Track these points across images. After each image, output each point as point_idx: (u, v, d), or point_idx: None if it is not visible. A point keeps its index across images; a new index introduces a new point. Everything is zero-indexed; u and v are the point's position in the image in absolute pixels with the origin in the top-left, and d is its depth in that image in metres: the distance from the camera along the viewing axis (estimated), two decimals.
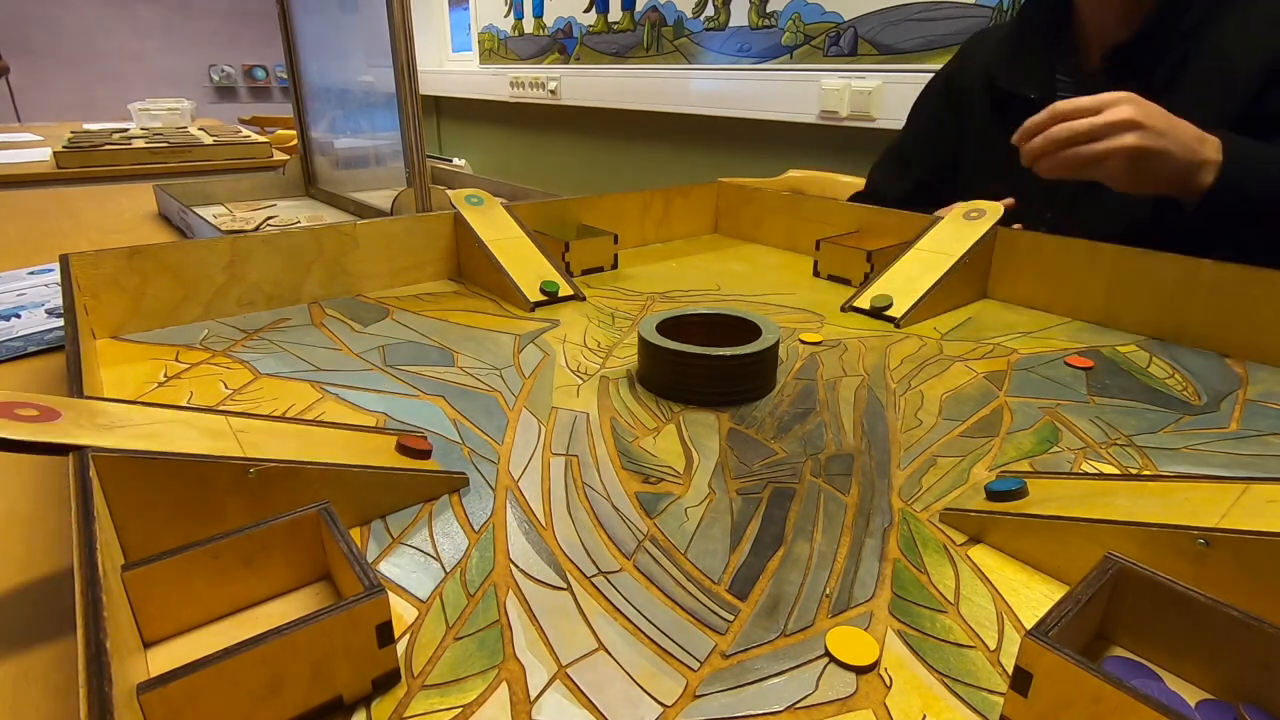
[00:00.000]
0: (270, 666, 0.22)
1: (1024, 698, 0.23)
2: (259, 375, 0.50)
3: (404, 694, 0.25)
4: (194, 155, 1.61)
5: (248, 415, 0.36)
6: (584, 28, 2.40)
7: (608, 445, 0.42)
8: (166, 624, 0.27)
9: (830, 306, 0.67)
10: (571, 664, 0.26)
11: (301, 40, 1.27)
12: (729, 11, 1.89)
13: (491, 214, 0.73)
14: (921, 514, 0.36)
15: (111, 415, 0.32)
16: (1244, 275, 0.55)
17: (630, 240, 0.88)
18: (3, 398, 0.29)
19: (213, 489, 0.30)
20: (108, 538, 0.26)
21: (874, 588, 0.30)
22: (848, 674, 0.26)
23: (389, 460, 0.36)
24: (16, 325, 0.63)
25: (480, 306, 0.66)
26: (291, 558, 0.28)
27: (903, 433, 0.44)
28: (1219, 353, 0.57)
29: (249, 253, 0.62)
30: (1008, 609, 0.30)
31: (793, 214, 0.88)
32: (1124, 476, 0.37)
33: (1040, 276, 0.67)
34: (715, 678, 0.26)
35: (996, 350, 0.57)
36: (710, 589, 0.30)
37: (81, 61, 4.41)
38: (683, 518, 0.35)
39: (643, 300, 0.69)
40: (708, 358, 0.46)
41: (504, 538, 0.33)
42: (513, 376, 0.51)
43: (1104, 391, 0.50)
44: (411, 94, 0.93)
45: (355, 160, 1.27)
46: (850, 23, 1.61)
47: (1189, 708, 0.25)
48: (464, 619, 0.28)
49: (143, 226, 1.09)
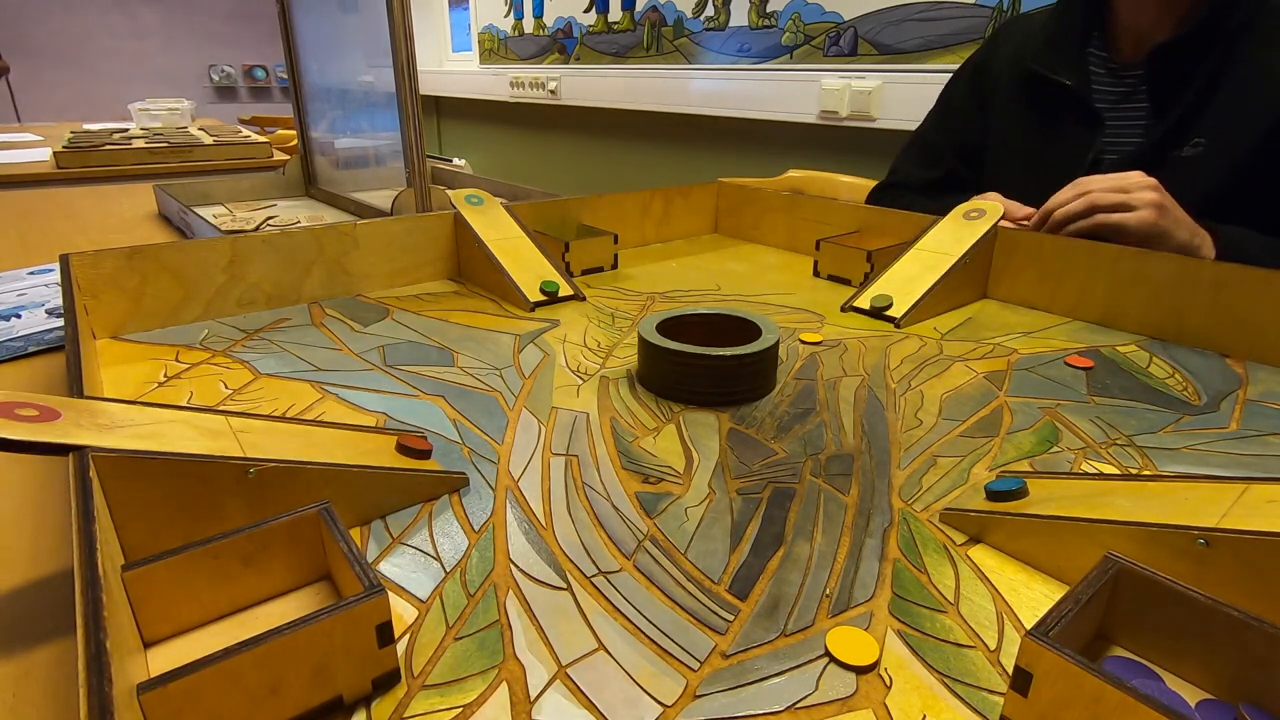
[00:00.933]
0: (270, 666, 0.22)
1: (1024, 698, 0.23)
2: (259, 375, 0.50)
3: (404, 694, 0.25)
4: (194, 155, 1.61)
5: (248, 415, 0.36)
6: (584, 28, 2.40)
7: (608, 445, 0.42)
8: (166, 624, 0.27)
9: (830, 306, 0.67)
10: (571, 664, 0.26)
11: (301, 40, 1.27)
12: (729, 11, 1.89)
13: (491, 214, 0.73)
14: (921, 514, 0.36)
15: (111, 415, 0.32)
16: (1244, 275, 0.55)
17: (630, 240, 0.88)
18: (3, 398, 0.29)
19: (213, 489, 0.30)
20: (108, 538, 0.26)
21: (874, 588, 0.30)
22: (848, 674, 0.26)
23: (389, 460, 0.36)
24: (16, 325, 0.63)
25: (480, 306, 0.66)
26: (291, 558, 0.28)
27: (903, 433, 0.44)
28: (1219, 353, 0.57)
29: (249, 253, 0.62)
30: (1008, 609, 0.30)
31: (793, 214, 0.88)
32: (1124, 476, 0.37)
33: (1040, 276, 0.67)
34: (715, 678, 0.26)
35: (996, 350, 0.57)
36: (710, 589, 0.30)
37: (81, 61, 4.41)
38: (683, 518, 0.35)
39: (643, 300, 0.69)
40: (708, 358, 0.46)
41: (504, 538, 0.33)
42: (513, 376, 0.51)
43: (1104, 391, 0.50)
44: (411, 94, 0.93)
45: (355, 160, 1.27)
46: (850, 23, 1.61)
47: (1189, 708, 0.25)
48: (464, 619, 0.28)
49: (143, 226, 1.09)
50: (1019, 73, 0.86)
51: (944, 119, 0.99)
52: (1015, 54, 0.87)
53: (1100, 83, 0.80)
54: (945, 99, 0.99)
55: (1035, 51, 0.84)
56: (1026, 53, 0.85)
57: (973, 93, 0.94)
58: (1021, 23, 0.94)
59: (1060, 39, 0.83)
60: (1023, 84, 0.86)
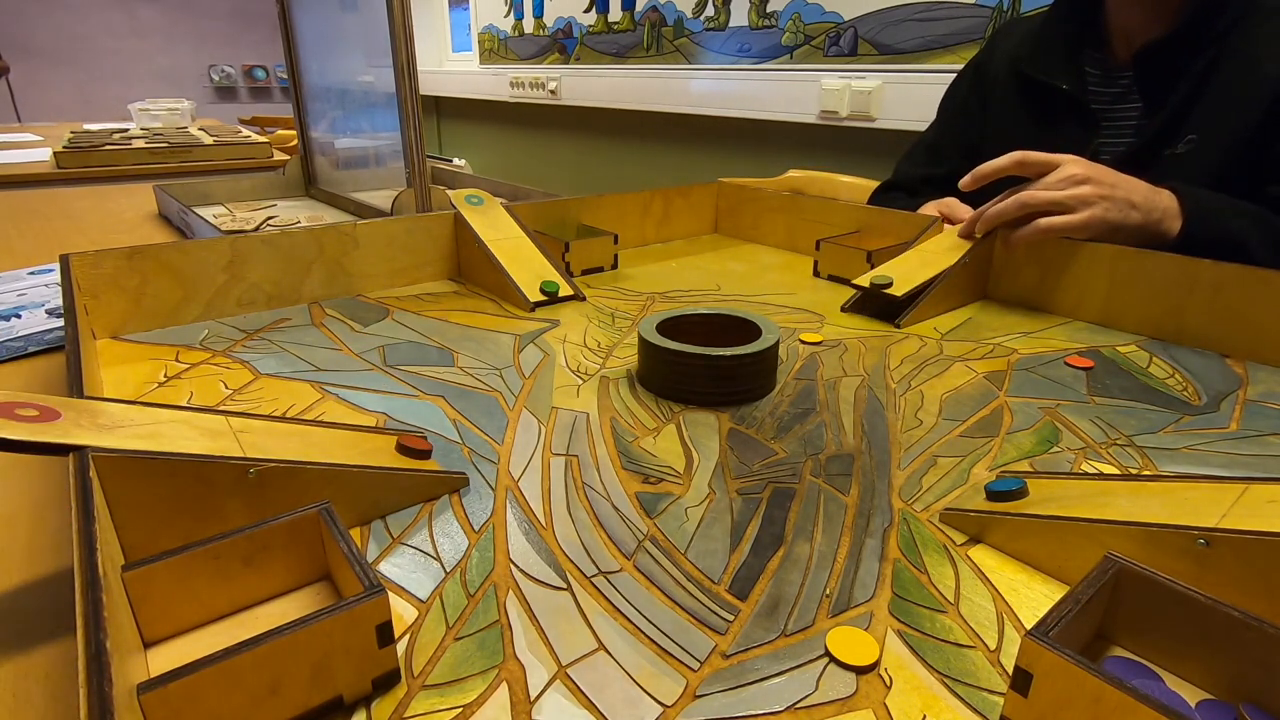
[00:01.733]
0: (270, 666, 0.22)
1: (1024, 698, 0.23)
2: (259, 375, 0.50)
3: (404, 694, 0.25)
4: (194, 155, 1.61)
5: (248, 415, 0.36)
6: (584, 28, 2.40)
7: (608, 445, 0.42)
8: (166, 624, 0.27)
9: (830, 306, 0.67)
10: (571, 664, 0.26)
11: (301, 40, 1.27)
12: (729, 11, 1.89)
13: (491, 214, 0.73)
14: (921, 514, 0.36)
15: (112, 415, 0.32)
16: (1244, 275, 0.55)
17: (630, 240, 0.88)
18: (3, 398, 0.29)
19: (213, 489, 0.30)
20: (108, 538, 0.26)
21: (874, 588, 0.30)
22: (848, 674, 0.26)
23: (389, 460, 0.36)
24: (16, 325, 0.63)
25: (480, 306, 0.66)
26: (291, 558, 0.28)
27: (903, 433, 0.44)
28: (1219, 353, 0.57)
29: (249, 253, 0.62)
30: (1008, 609, 0.30)
31: (793, 214, 0.88)
32: (1124, 476, 0.37)
33: (1040, 276, 0.67)
34: (715, 678, 0.26)
35: (996, 350, 0.57)
36: (710, 589, 0.30)
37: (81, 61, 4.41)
38: (683, 518, 0.35)
39: (643, 300, 0.69)
40: (708, 358, 0.46)
41: (504, 538, 0.33)
42: (513, 376, 0.51)
43: (1104, 391, 0.50)
44: (411, 94, 0.93)
45: (355, 160, 1.27)
46: (850, 23, 1.61)
47: (1189, 708, 0.25)
48: (464, 619, 0.28)
49: (143, 226, 1.09)
50: (1016, 75, 0.86)
51: (947, 120, 0.99)
52: (1013, 56, 0.88)
53: (1095, 84, 0.81)
54: (948, 101, 1.00)
55: (1032, 54, 0.85)
56: (1024, 55, 0.85)
57: (974, 92, 0.95)
58: (1019, 25, 0.95)
59: (1056, 42, 0.84)
60: (1019, 86, 0.86)
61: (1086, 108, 0.80)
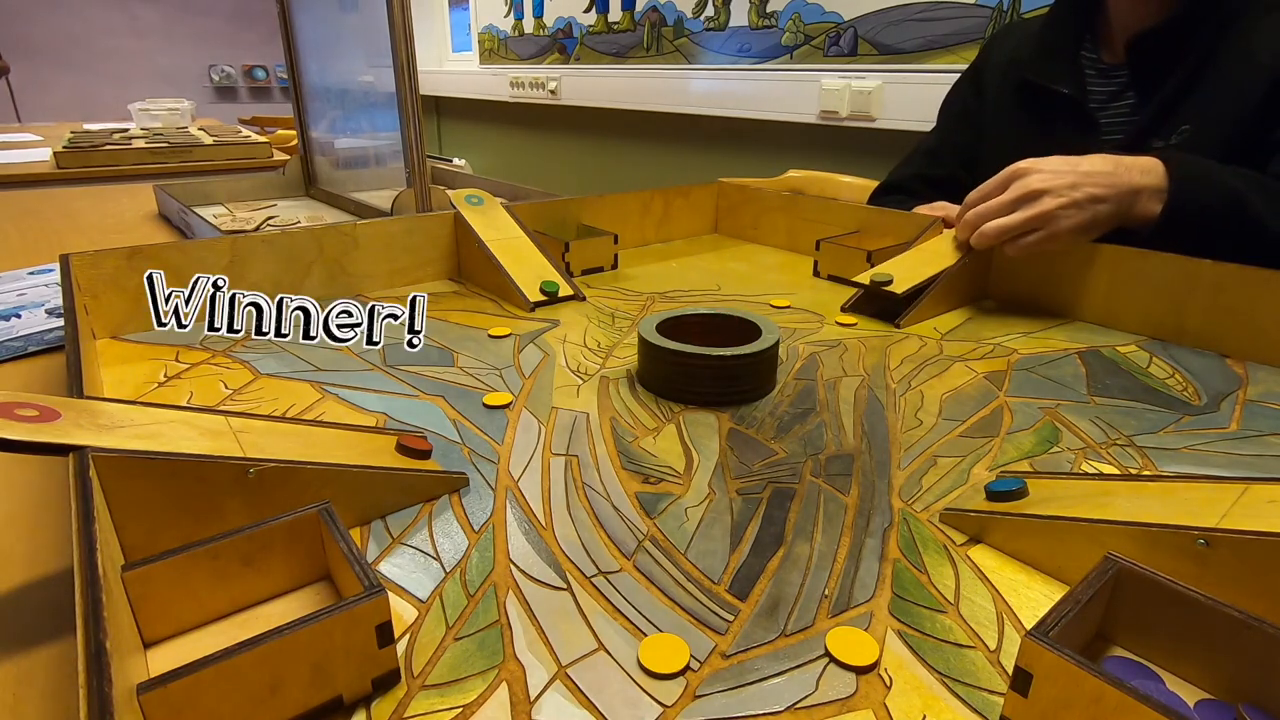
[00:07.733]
0: (270, 666, 0.22)
1: (1024, 698, 0.23)
2: (259, 375, 0.50)
3: (404, 694, 0.25)
4: (194, 155, 1.61)
5: (248, 415, 0.36)
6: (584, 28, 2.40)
7: (608, 445, 0.42)
8: (166, 624, 0.27)
9: (830, 306, 0.67)
10: (571, 664, 0.26)
11: (301, 40, 1.27)
12: (729, 11, 1.89)
13: (491, 214, 0.73)
14: (921, 514, 0.36)
15: (111, 415, 0.32)
16: (1244, 275, 0.55)
17: (630, 240, 0.88)
18: (3, 398, 0.29)
19: (213, 489, 0.30)
20: (108, 538, 0.26)
21: (874, 588, 0.30)
22: (848, 674, 0.26)
23: (389, 460, 0.36)
24: (16, 325, 0.63)
25: (480, 306, 0.66)
26: (291, 558, 0.28)
27: (903, 433, 0.44)
28: (1219, 353, 0.57)
29: (249, 253, 0.62)
30: (1008, 609, 0.30)
31: (793, 214, 0.88)
32: (1124, 476, 0.37)
33: (1040, 276, 0.67)
34: (715, 678, 0.26)
35: (996, 350, 0.57)
36: (710, 589, 0.30)
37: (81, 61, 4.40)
38: (683, 518, 0.35)
39: (643, 300, 0.69)
40: (708, 358, 0.46)
41: (504, 538, 0.33)
42: (513, 376, 0.51)
43: (1104, 391, 0.50)
44: (411, 94, 0.93)
45: (355, 160, 1.27)
46: (850, 23, 1.61)
47: (1189, 708, 0.25)
48: (464, 619, 0.28)
49: (143, 226, 1.09)
50: (1014, 79, 0.86)
51: (947, 124, 0.99)
52: (1011, 59, 0.88)
53: (1093, 84, 0.81)
54: (947, 107, 1.00)
55: (1032, 58, 0.84)
56: (1024, 59, 0.85)
57: (974, 95, 0.95)
58: (1016, 29, 0.95)
59: (1055, 47, 0.83)
60: (1017, 90, 0.86)
61: (1086, 111, 0.80)
